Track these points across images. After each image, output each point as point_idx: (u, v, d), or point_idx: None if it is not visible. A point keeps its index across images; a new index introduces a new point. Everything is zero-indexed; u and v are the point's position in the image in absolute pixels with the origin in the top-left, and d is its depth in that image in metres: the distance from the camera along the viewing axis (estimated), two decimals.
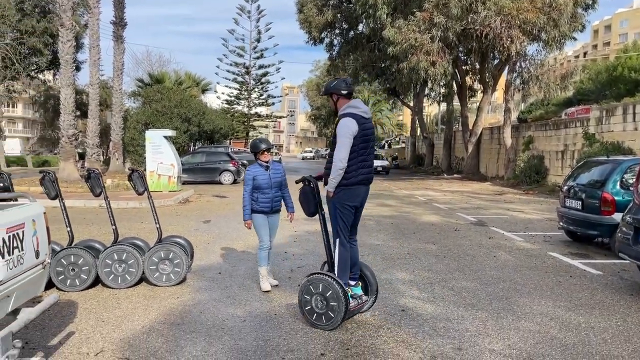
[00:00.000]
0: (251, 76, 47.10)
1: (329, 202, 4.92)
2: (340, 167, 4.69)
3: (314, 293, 4.69)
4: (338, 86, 4.97)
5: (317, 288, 4.69)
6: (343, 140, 4.69)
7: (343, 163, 4.68)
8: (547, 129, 21.50)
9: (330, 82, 5.14)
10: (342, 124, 4.75)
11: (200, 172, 24.02)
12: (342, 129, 4.72)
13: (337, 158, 4.68)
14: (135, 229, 10.38)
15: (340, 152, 4.68)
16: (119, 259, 6.11)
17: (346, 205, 4.86)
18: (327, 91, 5.04)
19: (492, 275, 6.76)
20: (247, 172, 6.06)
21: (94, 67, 24.15)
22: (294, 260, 7.64)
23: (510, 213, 13.40)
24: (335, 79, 5.15)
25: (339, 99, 4.99)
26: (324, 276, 4.72)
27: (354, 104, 4.93)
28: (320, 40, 29.48)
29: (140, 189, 6.50)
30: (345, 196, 4.84)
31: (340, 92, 4.96)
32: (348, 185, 4.80)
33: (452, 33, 20.09)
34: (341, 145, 4.69)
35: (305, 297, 4.73)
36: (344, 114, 4.83)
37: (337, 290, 4.62)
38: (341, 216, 4.86)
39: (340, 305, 4.60)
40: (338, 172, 4.71)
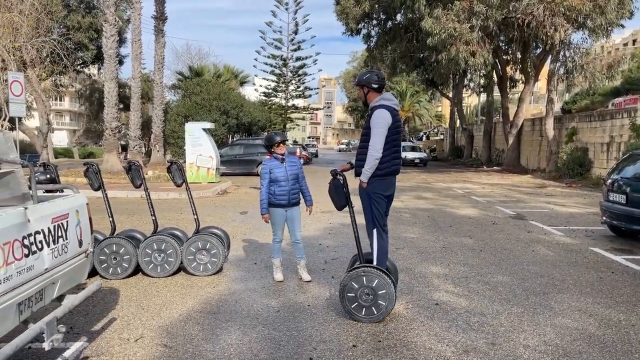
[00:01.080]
0: (288, 68, 47.23)
1: (362, 193, 4.95)
2: (377, 157, 4.72)
3: (360, 286, 4.69)
4: (370, 79, 4.98)
5: (363, 281, 4.69)
6: (379, 130, 4.73)
7: (379, 153, 4.73)
8: (591, 120, 20.80)
9: (363, 73, 5.14)
10: (377, 115, 4.78)
11: (238, 164, 24.36)
12: (377, 120, 4.75)
13: (374, 148, 4.72)
14: (174, 220, 10.65)
15: (377, 143, 4.72)
16: (158, 248, 6.29)
17: (380, 195, 4.92)
18: (359, 82, 5.06)
19: (529, 270, 6.63)
20: (262, 166, 6.09)
21: (136, 60, 24.76)
22: (328, 252, 7.70)
23: (551, 207, 13.07)
24: (368, 72, 5.13)
25: (369, 92, 5.01)
26: (372, 269, 4.73)
27: (386, 96, 4.97)
28: (357, 31, 29.28)
29: (179, 180, 6.67)
30: (380, 186, 4.89)
31: (371, 85, 4.98)
32: (382, 175, 4.86)
33: (493, 22, 19.62)
34: (377, 135, 4.73)
35: (350, 290, 4.71)
36: (378, 105, 4.86)
37: (386, 283, 4.64)
38: (376, 206, 4.91)
39: (388, 297, 4.63)
40: (374, 162, 4.75)
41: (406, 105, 59.33)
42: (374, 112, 4.83)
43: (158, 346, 4.18)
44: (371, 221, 4.96)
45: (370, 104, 4.97)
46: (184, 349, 4.12)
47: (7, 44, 20.02)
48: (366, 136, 4.90)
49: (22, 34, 20.95)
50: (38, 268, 3.22)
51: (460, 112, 38.04)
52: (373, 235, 4.95)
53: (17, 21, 20.29)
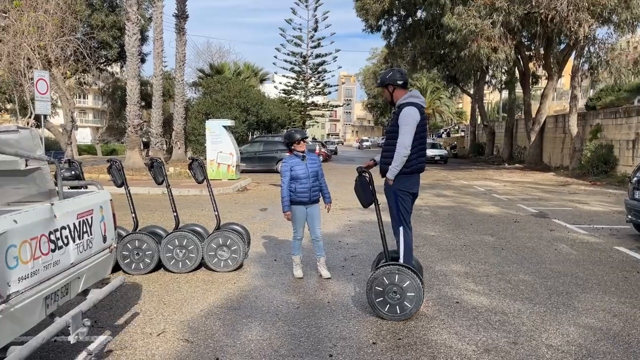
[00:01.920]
0: (308, 65, 47.28)
1: (388, 190, 4.95)
2: (405, 154, 4.74)
3: (390, 283, 4.69)
4: (394, 77, 4.98)
5: (395, 279, 4.68)
6: (408, 128, 4.75)
7: (408, 150, 4.75)
8: (617, 117, 20.39)
9: (384, 73, 5.13)
10: (406, 112, 4.78)
11: (258, 161, 24.49)
12: (406, 118, 4.76)
13: (402, 145, 4.73)
14: (195, 216, 10.76)
15: (405, 140, 4.74)
16: (179, 244, 6.37)
17: (406, 192, 4.95)
18: (384, 82, 5.04)
19: (552, 269, 6.55)
20: (283, 163, 6.11)
21: (158, 59, 25.03)
22: (348, 250, 7.70)
23: (574, 205, 12.87)
24: (390, 70, 5.12)
25: (395, 90, 5.01)
26: (406, 269, 4.71)
27: (414, 94, 4.97)
28: (377, 28, 29.14)
29: (200, 177, 6.73)
30: (406, 183, 4.92)
31: (396, 82, 4.98)
32: (408, 173, 4.88)
33: (515, 17, 19.34)
34: (406, 132, 4.74)
35: (378, 289, 4.70)
36: (406, 102, 4.86)
37: (417, 287, 4.63)
38: (402, 203, 4.93)
39: (416, 300, 4.64)
40: (402, 159, 4.76)
41: (427, 102, 58.84)
42: (402, 110, 4.82)
43: (180, 341, 4.24)
44: (397, 218, 4.96)
45: (398, 102, 4.96)
46: (205, 344, 4.17)
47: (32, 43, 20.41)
48: (393, 134, 4.90)
49: (47, 33, 21.33)
50: (64, 263, 3.28)
51: (482, 108, 37.63)
52: (400, 232, 4.95)
53: (42, 20, 20.67)
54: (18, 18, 19.61)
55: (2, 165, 3.23)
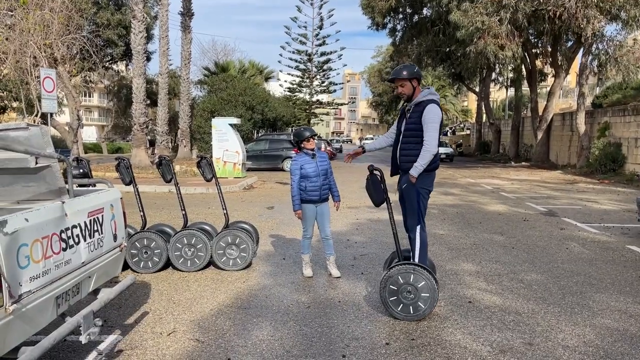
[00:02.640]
0: (313, 63, 47.17)
1: (410, 188, 4.90)
2: (433, 152, 4.76)
3: (405, 282, 4.62)
4: (420, 73, 5.01)
5: (410, 278, 4.61)
6: (435, 126, 4.77)
7: (435, 149, 4.78)
8: (625, 114, 20.23)
9: (411, 66, 5.11)
10: (432, 110, 4.76)
11: (264, 159, 24.46)
12: (433, 115, 4.75)
13: (430, 144, 4.74)
14: (202, 214, 10.72)
15: (433, 138, 4.77)
16: (188, 243, 6.32)
17: (427, 189, 4.96)
18: (412, 75, 4.96)
19: (564, 269, 6.47)
20: (293, 161, 6.06)
21: (163, 57, 25.00)
22: (357, 248, 7.64)
23: (584, 203, 12.76)
24: (414, 66, 5.14)
25: (418, 85, 4.98)
26: (416, 267, 4.65)
27: (432, 91, 4.98)
28: (383, 25, 29.02)
29: (208, 175, 6.69)
30: (427, 181, 4.94)
31: (421, 78, 4.99)
32: (430, 170, 4.87)
33: (522, 15, 19.20)
34: (433, 130, 4.76)
35: (392, 287, 4.63)
36: (430, 100, 4.83)
37: (432, 288, 4.58)
38: (423, 201, 4.95)
39: (430, 301, 4.58)
40: (430, 157, 4.77)
41: None
42: (427, 107, 4.78)
43: (190, 340, 4.19)
44: (417, 217, 4.92)
45: (417, 98, 4.90)
46: (216, 344, 4.12)
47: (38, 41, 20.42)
48: (414, 131, 4.85)
49: (53, 32, 21.34)
50: (75, 262, 3.24)
51: (488, 106, 37.46)
52: (416, 231, 4.90)
53: (48, 18, 20.68)
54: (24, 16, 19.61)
55: (12, 163, 3.19)
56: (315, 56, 46.53)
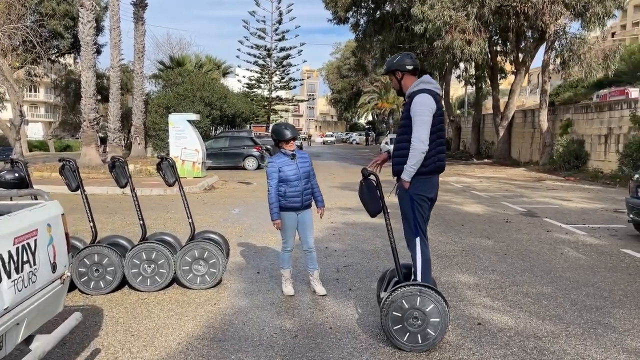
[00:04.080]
0: (272, 59, 46.21)
1: (403, 194, 4.19)
2: (422, 150, 4.01)
3: (410, 307, 3.89)
4: (402, 62, 4.23)
5: (417, 302, 3.89)
6: (423, 119, 4.01)
7: (425, 145, 4.02)
8: (588, 112, 20.30)
9: (392, 58, 4.40)
10: (419, 101, 4.03)
11: (224, 157, 23.42)
12: (420, 107, 4.01)
13: (418, 139, 3.98)
14: (161, 219, 9.75)
15: (421, 133, 4.00)
16: (148, 258, 5.42)
17: (424, 197, 4.21)
18: (390, 68, 4.31)
19: (568, 278, 5.92)
20: (269, 163, 5.23)
21: (115, 49, 23.55)
22: (338, 258, 6.89)
23: (559, 202, 12.45)
24: (398, 55, 4.39)
25: (404, 76, 4.25)
26: (423, 288, 3.93)
27: (426, 79, 4.21)
28: (345, 20, 28.35)
29: (171, 179, 5.79)
30: (423, 186, 4.19)
31: (405, 67, 4.23)
32: (426, 173, 4.15)
33: (488, 10, 18.92)
34: (421, 124, 4.00)
35: (396, 314, 3.90)
36: (419, 90, 4.10)
37: (442, 311, 3.88)
38: (419, 210, 4.20)
39: (441, 327, 3.88)
40: (419, 156, 4.03)
41: (391, 97, 58.70)
42: (414, 99, 4.07)
43: None
44: (413, 228, 4.21)
45: (408, 90, 4.20)
46: None
47: None
48: (406, 128, 4.14)
49: None
50: None
51: (448, 104, 37.44)
52: (416, 244, 4.20)
53: None
54: None
55: None
56: (274, 51, 45.62)
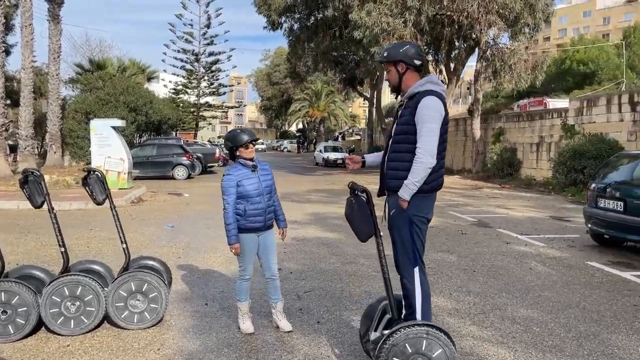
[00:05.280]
0: (201, 64, 44.60)
1: (401, 215, 3.52)
2: (430, 164, 3.40)
3: (414, 353, 3.18)
4: (408, 53, 3.55)
5: (422, 346, 3.19)
6: (432, 126, 3.38)
7: (434, 159, 3.42)
8: (520, 120, 20.79)
9: (395, 46, 3.68)
10: (428, 104, 3.37)
11: (151, 167, 21.92)
12: (429, 112, 3.36)
13: (427, 152, 3.34)
14: (83, 239, 8.53)
15: (430, 145, 3.38)
16: (71, 294, 4.40)
17: (424, 218, 3.58)
18: (393, 57, 3.59)
19: (548, 298, 5.49)
20: (225, 176, 4.38)
21: (27, 48, 21.47)
22: (295, 281, 6.12)
23: (504, 210, 12.35)
24: (403, 43, 3.68)
25: (407, 71, 3.57)
26: (430, 329, 3.24)
27: (433, 79, 3.57)
28: (279, 25, 27.67)
29: (100, 197, 4.81)
30: (423, 205, 3.56)
31: (412, 61, 3.56)
32: (427, 191, 3.51)
33: (425, 17, 18.91)
34: (430, 133, 3.37)
35: (400, 355, 3.20)
36: (427, 91, 3.45)
37: (448, 347, 3.22)
38: (418, 234, 3.57)
39: None
40: (426, 171, 3.42)
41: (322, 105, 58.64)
42: (421, 101, 3.42)
43: None
44: (412, 255, 3.56)
45: (411, 89, 3.54)
46: None
47: None
48: (405, 135, 3.48)
49: None
50: None
51: (379, 111, 37.68)
52: (414, 275, 3.54)
53: None
54: None
55: None
56: (203, 56, 44.07)
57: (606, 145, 14.83)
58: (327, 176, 23.59)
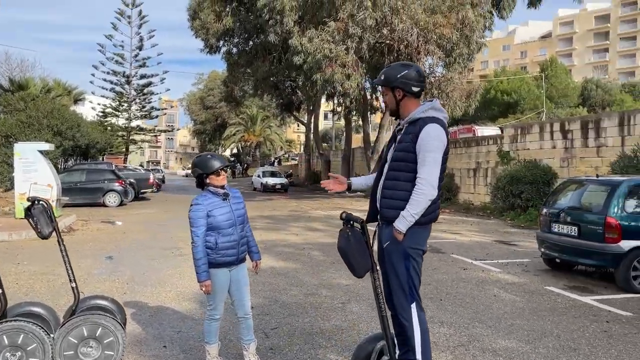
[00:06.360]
0: (132, 86, 43.11)
1: (396, 248, 3.27)
2: (432, 196, 3.22)
3: None
4: (408, 77, 3.33)
5: None
6: (435, 156, 3.20)
7: (436, 190, 3.25)
8: (457, 147, 21.40)
9: (393, 68, 3.45)
10: (431, 133, 3.18)
11: (79, 193, 20.58)
12: (433, 142, 3.18)
13: (429, 183, 3.12)
14: (11, 275, 7.67)
15: (432, 175, 3.20)
16: (11, 343, 3.81)
17: (420, 250, 3.38)
18: (391, 82, 3.37)
19: (521, 327, 5.40)
20: (194, 206, 3.98)
21: None
22: (260, 317, 5.69)
23: (452, 235, 12.49)
24: (404, 65, 3.45)
25: (404, 97, 3.36)
26: None
27: (437, 105, 3.39)
28: (217, 49, 27.25)
29: (46, 229, 4.23)
30: (420, 238, 3.37)
31: (410, 88, 3.36)
32: (425, 222, 3.31)
33: (366, 45, 19.21)
34: (432, 163, 3.18)
35: None
36: (430, 117, 3.25)
37: None
38: (415, 267, 3.36)
39: None
40: (426, 203, 3.23)
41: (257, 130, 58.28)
42: (424, 129, 3.21)
43: None
44: (408, 291, 3.32)
45: (412, 115, 3.34)
46: None
47: None
48: (404, 163, 3.26)
49: None
50: None
51: (317, 137, 37.88)
52: (412, 312, 3.29)
53: None
54: None
55: None
56: (134, 78, 42.62)
57: (541, 171, 15.50)
58: (268, 201, 23.15)
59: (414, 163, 3.24)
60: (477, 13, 19.42)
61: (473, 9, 18.99)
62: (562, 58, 69.69)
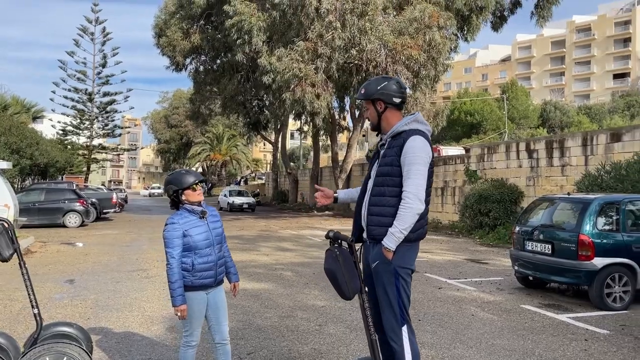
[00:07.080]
0: (94, 104, 42.15)
1: (384, 268, 3.15)
2: (419, 210, 3.14)
3: None
4: (389, 89, 3.26)
5: None
6: (420, 169, 3.10)
7: (423, 204, 3.17)
8: None
9: (373, 82, 3.38)
10: (416, 145, 3.09)
11: (38, 213, 19.81)
12: (419, 153, 3.08)
13: (415, 197, 3.03)
14: None
15: (418, 188, 3.12)
16: None
17: (409, 270, 3.29)
18: (371, 95, 3.30)
19: (503, 347, 5.33)
20: (169, 225, 3.74)
21: None
22: (235, 342, 5.44)
23: (423, 254, 12.38)
24: (383, 78, 3.39)
25: (386, 109, 3.27)
26: None
27: (419, 118, 3.31)
28: (183, 66, 26.96)
29: (7, 251, 3.94)
30: (409, 257, 3.29)
31: (391, 99, 3.28)
32: (413, 239, 3.22)
33: (336, 65, 19.32)
34: (418, 175, 3.11)
35: None
36: (413, 130, 3.17)
37: None
38: (405, 287, 3.26)
39: None
40: (414, 218, 3.14)
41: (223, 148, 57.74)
42: (407, 141, 3.13)
43: None
44: (399, 313, 3.19)
45: (394, 128, 3.25)
46: None
47: None
48: (389, 177, 3.15)
49: None
50: None
51: (284, 156, 37.73)
52: (403, 334, 3.16)
53: None
54: None
55: None
56: (97, 96, 41.67)
57: (508, 190, 15.74)
58: (236, 221, 22.76)
59: (400, 177, 3.16)
60: (443, 35, 19.82)
61: (439, 31, 19.38)
62: (521, 80, 71.92)
